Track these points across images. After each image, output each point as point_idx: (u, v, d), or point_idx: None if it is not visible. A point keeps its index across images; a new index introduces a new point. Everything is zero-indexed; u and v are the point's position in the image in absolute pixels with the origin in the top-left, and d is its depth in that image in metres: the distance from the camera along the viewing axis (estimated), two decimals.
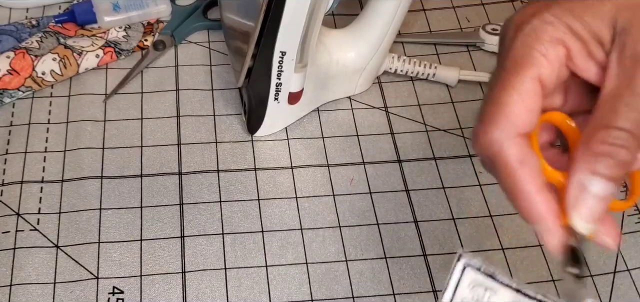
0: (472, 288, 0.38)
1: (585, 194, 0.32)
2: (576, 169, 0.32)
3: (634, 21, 0.31)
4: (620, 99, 0.31)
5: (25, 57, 0.58)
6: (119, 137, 0.57)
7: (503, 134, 0.33)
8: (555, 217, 0.33)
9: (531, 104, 0.33)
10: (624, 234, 0.53)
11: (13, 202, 0.52)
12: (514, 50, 0.33)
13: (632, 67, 0.31)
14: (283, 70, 0.52)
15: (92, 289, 0.49)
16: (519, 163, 0.33)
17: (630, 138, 0.31)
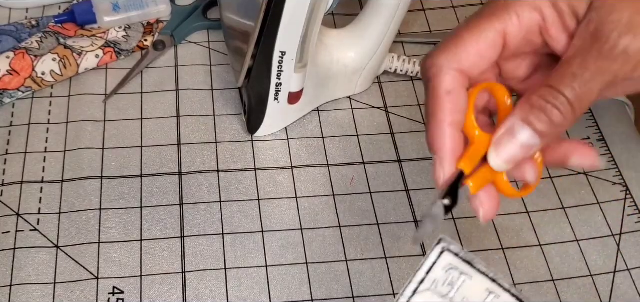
0: (448, 271, 0.39)
1: (512, 137, 0.34)
2: (511, 114, 0.34)
3: (607, 1, 0.32)
4: (569, 67, 0.33)
5: (25, 58, 0.58)
6: (119, 137, 0.57)
7: (445, 62, 0.35)
8: (453, 155, 0.35)
9: (484, 51, 0.34)
10: (623, 233, 0.53)
11: (13, 202, 0.52)
12: (495, 2, 0.35)
13: (590, 42, 0.32)
14: (283, 70, 0.52)
15: (92, 289, 0.49)
16: (445, 92, 0.35)
17: (567, 104, 0.33)
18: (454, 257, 0.39)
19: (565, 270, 0.52)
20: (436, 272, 0.39)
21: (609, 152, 0.58)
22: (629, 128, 0.60)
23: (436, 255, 0.39)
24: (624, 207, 0.55)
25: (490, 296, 0.38)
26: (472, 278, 0.38)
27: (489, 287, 0.38)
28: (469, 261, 0.38)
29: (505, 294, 0.38)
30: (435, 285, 0.39)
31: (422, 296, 0.38)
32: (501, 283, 0.38)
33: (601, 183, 0.56)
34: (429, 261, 0.39)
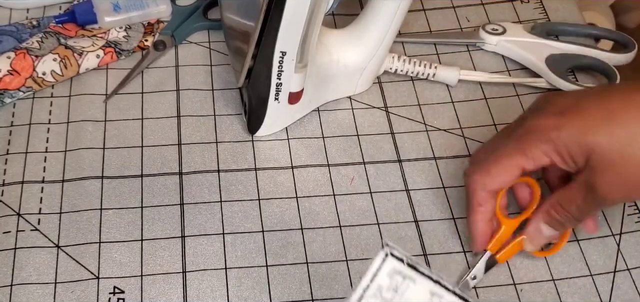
0: (392, 276, 0.39)
1: (539, 233, 0.50)
2: (539, 215, 0.50)
3: (600, 166, 0.45)
4: (575, 198, 0.47)
5: (26, 58, 0.58)
6: (120, 137, 0.57)
7: (482, 184, 0.49)
8: (484, 241, 0.51)
9: (508, 179, 0.49)
10: (623, 233, 0.53)
11: (14, 202, 0.52)
12: (526, 136, 0.48)
13: (586, 191, 0.46)
14: (283, 70, 0.52)
15: (92, 289, 0.49)
16: (477, 204, 0.50)
17: (575, 218, 0.49)
18: (398, 262, 0.39)
19: (566, 270, 0.52)
20: (381, 278, 0.39)
21: None
22: None
23: (380, 260, 0.39)
24: (624, 207, 0.55)
25: (434, 298, 0.39)
26: (415, 282, 0.39)
27: (433, 289, 0.39)
28: (412, 265, 0.39)
29: (449, 295, 0.39)
30: (379, 291, 0.39)
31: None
32: (444, 284, 0.39)
33: None
34: (373, 267, 0.39)
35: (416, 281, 0.39)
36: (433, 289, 0.39)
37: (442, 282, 0.39)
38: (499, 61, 0.64)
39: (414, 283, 0.39)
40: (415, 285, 0.39)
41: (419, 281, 0.39)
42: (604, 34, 0.66)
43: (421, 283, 0.39)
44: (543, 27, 0.65)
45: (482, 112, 0.61)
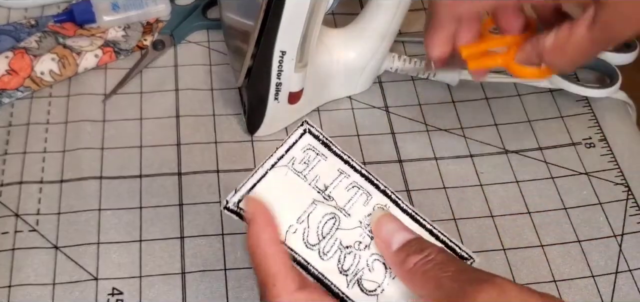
0: (305, 151, 0.42)
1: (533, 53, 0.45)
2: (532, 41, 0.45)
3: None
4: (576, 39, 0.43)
5: (24, 57, 0.58)
6: (118, 138, 0.56)
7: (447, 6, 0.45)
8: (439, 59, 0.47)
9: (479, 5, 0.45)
10: (625, 234, 0.53)
11: (12, 202, 0.52)
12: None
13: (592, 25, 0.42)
14: (283, 69, 0.52)
15: (91, 290, 0.48)
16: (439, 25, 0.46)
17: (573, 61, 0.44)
18: (314, 139, 0.42)
19: (567, 271, 0.51)
20: (295, 151, 0.42)
21: (610, 153, 0.58)
22: (630, 128, 0.60)
23: (298, 135, 0.42)
24: (625, 208, 0.55)
25: (341, 175, 0.41)
26: (327, 159, 0.42)
27: (341, 167, 0.42)
28: (327, 143, 0.42)
29: (355, 174, 0.41)
30: (292, 162, 0.41)
31: (278, 171, 0.41)
32: (353, 164, 0.42)
33: (603, 183, 0.56)
34: (290, 139, 0.42)
35: (328, 159, 0.42)
36: (341, 167, 0.42)
37: (351, 161, 0.42)
38: None
39: (326, 160, 0.42)
40: (326, 161, 0.42)
41: (330, 158, 0.42)
42: None
43: (332, 161, 0.42)
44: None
45: (483, 112, 0.60)
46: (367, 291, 0.39)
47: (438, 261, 0.37)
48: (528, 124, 0.60)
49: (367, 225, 0.40)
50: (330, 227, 0.40)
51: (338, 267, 0.39)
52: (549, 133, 0.59)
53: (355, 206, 0.41)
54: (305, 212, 0.40)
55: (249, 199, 0.40)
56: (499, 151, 0.58)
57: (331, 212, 0.40)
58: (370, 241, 0.40)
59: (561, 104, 0.61)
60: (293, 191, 0.40)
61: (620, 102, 0.61)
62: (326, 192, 0.41)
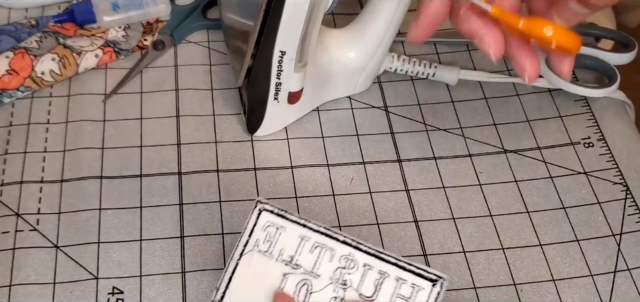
0: (266, 229, 0.44)
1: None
2: None
3: None
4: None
5: (25, 57, 0.58)
6: (119, 137, 0.56)
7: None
8: (427, 28, 0.47)
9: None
10: (623, 233, 0.53)
11: (12, 202, 0.52)
12: None
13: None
14: (283, 69, 0.52)
15: (91, 289, 0.48)
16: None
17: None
18: (270, 214, 0.44)
19: (566, 270, 0.51)
20: (257, 233, 0.44)
21: (609, 152, 0.58)
22: (629, 128, 0.60)
23: (255, 217, 0.44)
24: (624, 207, 0.55)
25: (302, 241, 0.43)
26: (286, 229, 0.44)
27: (301, 233, 0.44)
28: (282, 214, 0.44)
29: (315, 235, 0.44)
30: (257, 245, 0.44)
31: (246, 258, 0.43)
32: (310, 226, 0.44)
33: (601, 183, 0.56)
34: (250, 223, 0.44)
35: (287, 229, 0.44)
36: (302, 232, 0.44)
37: (308, 224, 0.44)
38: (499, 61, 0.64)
39: (285, 231, 0.44)
40: (286, 232, 0.44)
41: (289, 228, 0.44)
42: (605, 33, 0.66)
43: (291, 230, 0.44)
44: None
45: (482, 112, 0.60)
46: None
47: None
48: (527, 123, 0.60)
49: (337, 279, 0.42)
50: (305, 294, 0.42)
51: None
52: (547, 133, 0.59)
53: (322, 265, 0.43)
54: (279, 288, 0.42)
55: (277, 295, 0.42)
56: (498, 150, 0.58)
57: (302, 279, 0.42)
58: (343, 293, 0.42)
59: (560, 103, 0.61)
60: (264, 272, 0.43)
61: (619, 102, 0.62)
62: (293, 262, 0.43)
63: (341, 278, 0.42)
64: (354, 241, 0.43)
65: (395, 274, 0.42)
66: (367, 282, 0.42)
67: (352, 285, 0.42)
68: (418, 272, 0.42)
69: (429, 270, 0.42)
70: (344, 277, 0.42)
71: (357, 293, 0.42)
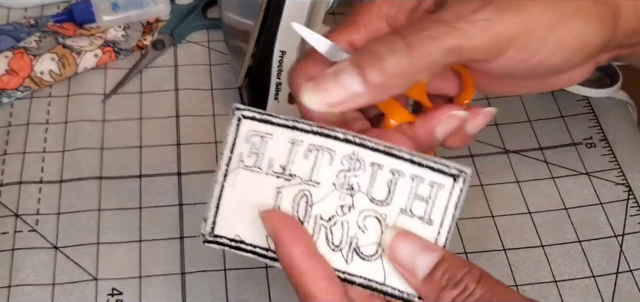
0: (249, 139, 0.37)
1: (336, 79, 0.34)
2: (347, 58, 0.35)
3: None
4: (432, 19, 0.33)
5: (24, 57, 0.58)
6: (118, 138, 0.56)
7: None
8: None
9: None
10: (625, 234, 0.53)
11: (12, 202, 0.52)
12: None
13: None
14: (283, 69, 0.52)
15: (91, 290, 0.48)
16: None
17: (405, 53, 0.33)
18: (251, 121, 0.37)
19: (568, 271, 0.51)
20: (240, 146, 0.37)
21: (611, 153, 0.58)
22: (631, 128, 0.60)
23: (235, 127, 0.37)
24: (626, 208, 0.55)
25: (294, 146, 0.36)
26: (273, 136, 0.37)
27: (291, 136, 0.36)
28: (266, 118, 0.37)
29: (308, 136, 0.36)
30: (241, 160, 0.37)
31: (232, 177, 0.37)
32: (302, 126, 0.36)
33: (604, 184, 0.56)
34: (229, 136, 0.37)
35: (273, 135, 0.37)
36: (291, 136, 0.36)
37: (299, 125, 0.36)
38: None
39: (272, 137, 0.37)
40: (273, 139, 0.37)
41: (276, 133, 0.37)
42: None
43: (279, 135, 0.37)
44: None
45: None
46: (368, 257, 0.35)
47: (480, 295, 0.32)
48: (528, 123, 0.60)
49: (341, 184, 0.35)
50: (305, 207, 0.35)
51: (329, 246, 0.35)
52: (549, 133, 0.59)
53: (321, 171, 0.36)
54: (274, 206, 0.36)
55: (264, 216, 0.35)
56: (500, 150, 0.58)
57: (299, 191, 0.36)
58: (351, 200, 0.35)
59: (562, 103, 0.61)
60: (255, 190, 0.36)
61: (621, 102, 0.61)
62: (286, 173, 0.36)
63: (346, 182, 0.35)
64: (358, 137, 0.35)
65: (411, 172, 0.35)
66: (379, 183, 0.35)
67: (361, 189, 0.35)
68: (437, 168, 0.35)
69: (449, 164, 0.35)
70: (349, 180, 0.35)
71: (368, 198, 0.35)
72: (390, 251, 0.34)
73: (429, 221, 0.35)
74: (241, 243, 0.37)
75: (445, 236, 0.35)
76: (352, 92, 0.33)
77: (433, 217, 0.35)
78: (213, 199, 0.37)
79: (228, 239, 0.37)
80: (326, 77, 0.34)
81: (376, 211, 0.35)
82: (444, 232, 0.35)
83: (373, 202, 0.35)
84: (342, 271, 0.35)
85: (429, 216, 0.35)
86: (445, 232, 0.35)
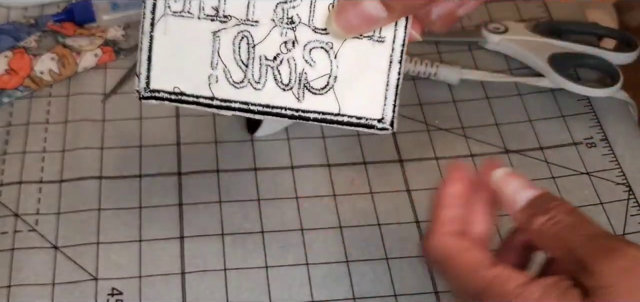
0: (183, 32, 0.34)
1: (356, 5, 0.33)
2: None
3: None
4: None
5: (24, 57, 0.58)
6: (118, 137, 0.56)
7: None
8: None
9: None
10: (626, 234, 0.53)
11: (11, 202, 0.52)
12: None
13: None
14: None
15: (91, 290, 0.48)
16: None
17: None
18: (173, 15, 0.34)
19: None
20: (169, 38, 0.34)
21: (611, 152, 0.58)
22: (632, 128, 0.60)
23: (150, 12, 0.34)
24: (627, 208, 0.54)
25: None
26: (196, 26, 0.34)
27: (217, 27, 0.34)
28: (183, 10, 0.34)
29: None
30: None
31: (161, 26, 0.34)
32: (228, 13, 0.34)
33: (604, 183, 0.56)
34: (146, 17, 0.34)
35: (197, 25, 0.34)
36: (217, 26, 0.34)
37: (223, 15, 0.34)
38: (501, 60, 0.64)
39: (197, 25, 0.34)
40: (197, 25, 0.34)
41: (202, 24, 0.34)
42: (607, 32, 0.66)
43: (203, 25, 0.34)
44: (545, 26, 0.64)
45: (484, 112, 0.60)
46: (319, 91, 0.34)
47: (566, 224, 0.35)
48: (529, 123, 0.60)
49: (280, 19, 0.33)
50: (247, 49, 0.34)
51: (278, 86, 0.34)
52: (550, 133, 0.59)
53: (257, 8, 0.33)
54: (212, 52, 0.34)
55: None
56: (500, 150, 0.58)
57: (238, 33, 0.33)
58: (294, 34, 0.33)
59: (562, 103, 0.61)
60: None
61: (621, 102, 0.61)
62: (220, 14, 0.33)
63: (286, 16, 0.33)
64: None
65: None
66: (319, 11, 0.33)
67: (302, 20, 0.33)
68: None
69: None
70: (288, 13, 0.33)
71: (310, 28, 0.33)
72: (498, 185, 0.38)
73: (379, 39, 0.34)
74: (181, 95, 0.35)
75: (400, 50, 0.34)
76: (371, 16, 0.33)
77: (384, 34, 0.34)
78: (143, 52, 0.34)
79: (167, 93, 0.35)
80: (346, 5, 0.33)
81: (321, 40, 0.33)
82: (399, 46, 0.34)
83: (316, 32, 0.33)
84: (295, 109, 0.34)
85: (378, 34, 0.33)
86: (400, 46, 0.34)
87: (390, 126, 0.35)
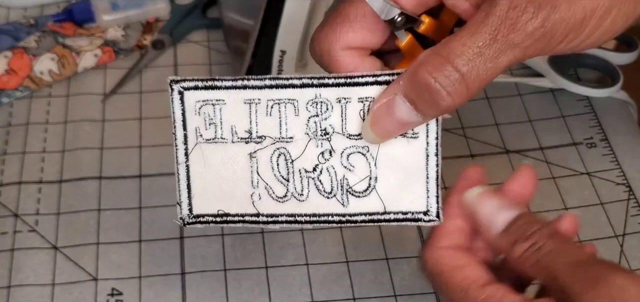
0: (200, 111, 0.35)
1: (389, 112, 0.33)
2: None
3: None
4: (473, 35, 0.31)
5: (24, 57, 0.58)
6: (118, 138, 0.56)
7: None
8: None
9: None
10: (626, 234, 0.53)
11: (11, 203, 0.52)
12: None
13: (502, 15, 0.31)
14: (283, 69, 0.52)
15: (90, 290, 0.48)
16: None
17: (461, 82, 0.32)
18: (195, 91, 0.35)
19: None
20: (191, 120, 0.35)
21: (612, 153, 0.58)
22: (632, 128, 0.60)
23: (178, 102, 0.35)
24: (627, 208, 0.54)
25: (252, 106, 0.35)
26: (226, 101, 0.35)
27: (246, 97, 0.34)
28: (209, 84, 0.35)
29: (264, 92, 0.34)
30: (199, 134, 0.35)
31: (196, 155, 0.35)
32: (253, 84, 0.35)
33: (604, 183, 0.56)
34: (175, 113, 0.35)
35: (226, 100, 0.35)
36: (245, 96, 0.34)
37: (250, 83, 0.34)
38: None
39: (225, 103, 0.35)
40: (227, 105, 0.35)
41: (228, 97, 0.35)
42: None
43: (232, 98, 0.35)
44: None
45: (484, 112, 0.60)
46: (362, 194, 0.34)
47: (548, 250, 0.33)
48: (529, 123, 0.60)
49: (314, 132, 0.34)
50: (286, 165, 0.34)
51: (322, 195, 0.34)
52: (550, 133, 0.59)
53: (289, 124, 0.34)
54: (251, 172, 0.34)
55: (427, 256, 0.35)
56: (500, 150, 0.58)
57: (274, 150, 0.34)
58: (329, 144, 0.34)
59: (562, 103, 0.61)
60: (225, 162, 0.35)
61: (621, 102, 0.61)
62: (254, 136, 0.34)
63: (319, 128, 0.34)
64: (314, 78, 0.34)
65: (378, 94, 0.34)
66: (350, 117, 0.34)
67: (335, 129, 0.34)
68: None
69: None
70: (321, 125, 0.34)
71: (345, 136, 0.34)
72: (472, 208, 0.35)
73: (413, 136, 0.34)
74: (226, 216, 0.36)
75: (435, 143, 0.35)
76: (406, 122, 0.34)
77: (417, 131, 0.34)
78: (181, 181, 0.36)
79: (211, 216, 0.36)
80: (379, 113, 0.34)
81: (356, 145, 0.34)
82: (433, 139, 0.35)
83: (351, 138, 0.34)
84: (341, 214, 0.34)
85: (412, 131, 0.34)
86: (434, 139, 0.35)
87: (437, 218, 0.35)
